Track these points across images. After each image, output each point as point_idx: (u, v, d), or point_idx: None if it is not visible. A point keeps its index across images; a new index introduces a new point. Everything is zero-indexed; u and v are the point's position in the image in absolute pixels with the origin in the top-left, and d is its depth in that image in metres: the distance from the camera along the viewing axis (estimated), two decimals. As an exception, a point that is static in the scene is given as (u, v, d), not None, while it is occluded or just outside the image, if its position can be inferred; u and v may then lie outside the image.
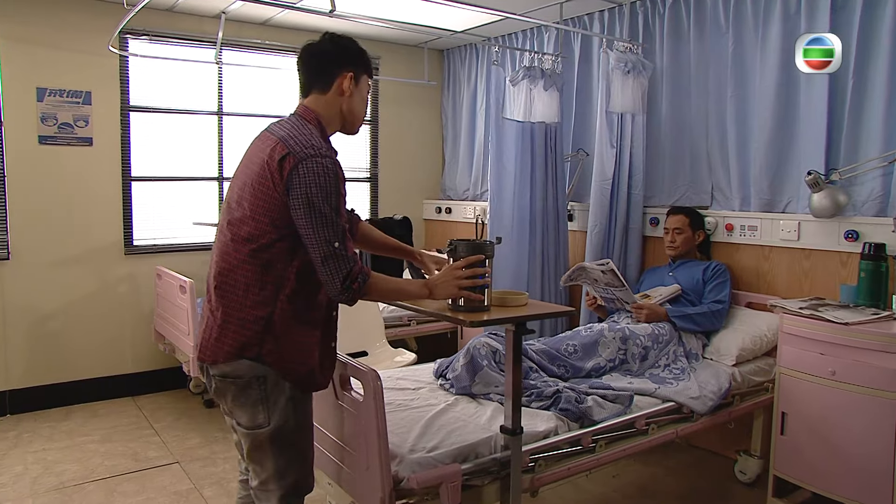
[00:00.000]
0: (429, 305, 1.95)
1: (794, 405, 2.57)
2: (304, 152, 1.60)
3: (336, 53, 1.77)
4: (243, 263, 1.64)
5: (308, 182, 1.58)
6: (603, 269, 2.90)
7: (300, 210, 1.58)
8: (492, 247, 1.90)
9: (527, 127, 3.65)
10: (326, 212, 1.58)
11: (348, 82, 1.75)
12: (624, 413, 2.31)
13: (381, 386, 1.80)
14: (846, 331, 2.38)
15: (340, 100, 1.76)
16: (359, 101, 1.79)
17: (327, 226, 1.58)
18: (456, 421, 2.16)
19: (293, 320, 1.67)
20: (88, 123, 3.85)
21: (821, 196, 2.80)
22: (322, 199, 1.58)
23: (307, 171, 1.58)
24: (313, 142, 1.64)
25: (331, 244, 1.58)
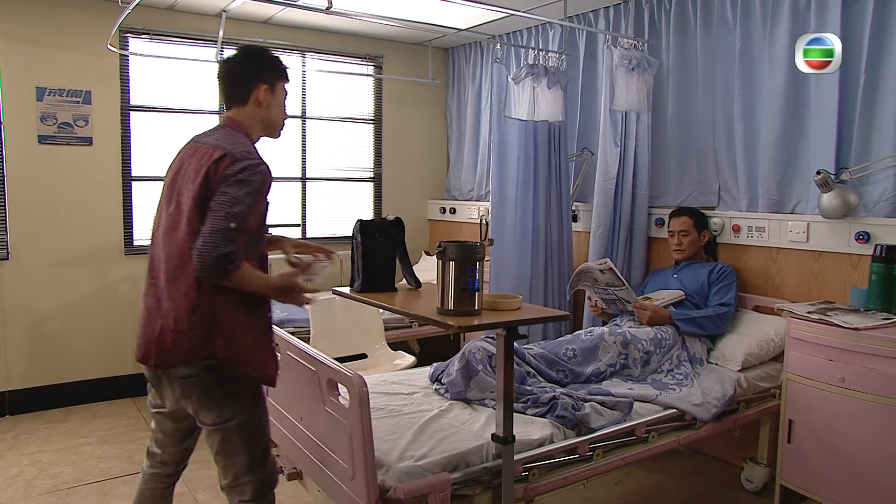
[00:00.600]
0: (417, 309, 1.90)
1: (801, 413, 2.48)
2: (241, 155, 1.72)
3: (249, 68, 1.87)
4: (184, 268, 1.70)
5: (240, 175, 1.68)
6: (601, 268, 2.83)
7: (220, 195, 1.66)
8: (483, 249, 1.84)
9: (530, 126, 3.58)
10: (239, 199, 1.66)
11: (264, 94, 1.87)
12: (623, 420, 2.24)
13: (368, 392, 1.75)
14: (856, 336, 2.29)
15: (258, 110, 1.88)
16: (277, 108, 1.92)
17: (234, 208, 1.65)
18: (448, 428, 2.10)
19: (237, 317, 1.74)
20: (88, 123, 3.83)
21: (830, 196, 2.71)
22: (244, 192, 1.67)
23: (243, 168, 1.69)
24: (248, 148, 1.77)
25: (228, 223, 1.63)
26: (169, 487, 2.03)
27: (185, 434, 1.97)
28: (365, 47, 4.78)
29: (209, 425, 1.77)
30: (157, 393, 1.88)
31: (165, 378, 1.79)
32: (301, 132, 4.61)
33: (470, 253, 1.81)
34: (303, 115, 4.61)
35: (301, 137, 4.62)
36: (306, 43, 4.52)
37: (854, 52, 2.73)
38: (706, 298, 2.97)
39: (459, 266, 1.80)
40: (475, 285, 1.82)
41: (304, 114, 4.61)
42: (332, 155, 4.76)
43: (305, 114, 4.61)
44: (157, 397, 1.90)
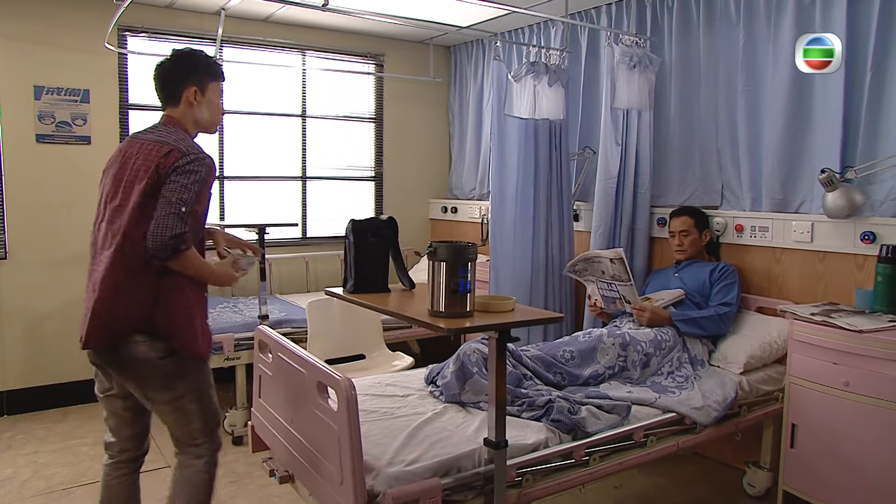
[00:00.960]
0: (408, 310, 1.86)
1: (804, 417, 2.43)
2: (187, 149, 1.87)
3: (178, 71, 2.01)
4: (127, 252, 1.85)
5: (190, 167, 1.84)
6: (612, 257, 2.76)
7: (169, 184, 1.81)
8: (475, 250, 1.80)
9: (530, 124, 3.53)
10: (187, 186, 1.82)
11: (192, 95, 2.00)
12: (621, 424, 2.19)
13: (356, 396, 1.71)
14: (860, 339, 2.24)
15: (190, 110, 2.02)
16: (209, 108, 2.05)
17: (184, 194, 1.81)
18: (441, 431, 2.06)
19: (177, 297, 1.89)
20: (87, 122, 3.81)
21: (835, 195, 2.65)
22: (191, 180, 1.83)
23: (191, 160, 1.85)
24: (191, 143, 1.93)
25: (179, 207, 1.79)
26: (134, 473, 2.15)
27: (137, 414, 2.09)
28: (366, 45, 4.74)
29: (161, 404, 1.97)
30: (104, 375, 2.03)
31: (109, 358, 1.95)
32: (301, 131, 4.58)
33: (461, 254, 1.77)
34: (303, 113, 4.58)
35: (301, 136, 4.59)
36: (306, 41, 4.49)
37: (860, 48, 2.68)
38: (707, 298, 2.91)
39: (450, 267, 1.76)
40: (466, 287, 1.78)
41: (304, 112, 4.58)
42: (333, 154, 4.73)
43: (306, 112, 4.58)
44: (105, 381, 2.04)
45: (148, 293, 1.86)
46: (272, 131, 4.50)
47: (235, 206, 4.37)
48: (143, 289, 1.86)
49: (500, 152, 3.50)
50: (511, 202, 3.55)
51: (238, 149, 4.36)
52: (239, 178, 4.38)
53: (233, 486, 2.91)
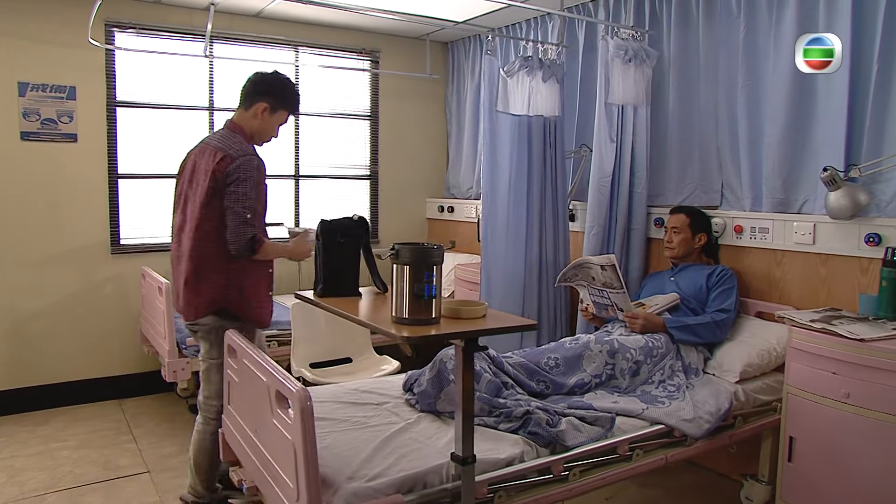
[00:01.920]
0: (371, 316, 1.76)
1: (803, 429, 2.29)
2: (237, 153, 2.25)
3: (264, 85, 2.38)
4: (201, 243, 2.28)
5: (239, 173, 2.21)
6: (603, 264, 2.64)
7: (230, 195, 2.21)
8: (440, 252, 1.69)
9: (524, 120, 3.41)
10: (245, 193, 2.21)
11: (261, 109, 2.37)
12: (604, 437, 2.07)
13: (311, 407, 1.61)
14: (862, 348, 2.10)
15: (253, 121, 2.38)
16: (268, 126, 2.42)
17: (245, 202, 2.21)
18: (412, 443, 1.96)
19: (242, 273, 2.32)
20: (73, 119, 3.75)
21: (838, 195, 2.51)
22: (245, 185, 2.21)
23: (239, 165, 2.22)
24: (243, 146, 2.29)
25: (245, 215, 2.21)
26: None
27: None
28: (361, 41, 4.65)
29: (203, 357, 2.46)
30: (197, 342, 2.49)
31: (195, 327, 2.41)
32: (294, 129, 4.50)
33: (426, 256, 1.67)
34: (296, 111, 4.48)
35: (294, 134, 4.50)
36: (300, 37, 4.40)
37: (866, 40, 2.53)
38: (704, 304, 2.78)
39: (414, 270, 1.66)
40: (431, 291, 1.67)
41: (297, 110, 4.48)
42: (327, 152, 4.64)
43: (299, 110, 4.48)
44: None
45: (221, 275, 2.29)
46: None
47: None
48: (217, 272, 2.29)
49: (491, 150, 3.38)
50: (503, 201, 3.43)
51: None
52: (230, 176, 4.30)
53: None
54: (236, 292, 2.32)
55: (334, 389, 2.45)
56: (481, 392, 2.15)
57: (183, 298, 2.37)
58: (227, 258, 2.27)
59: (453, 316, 1.74)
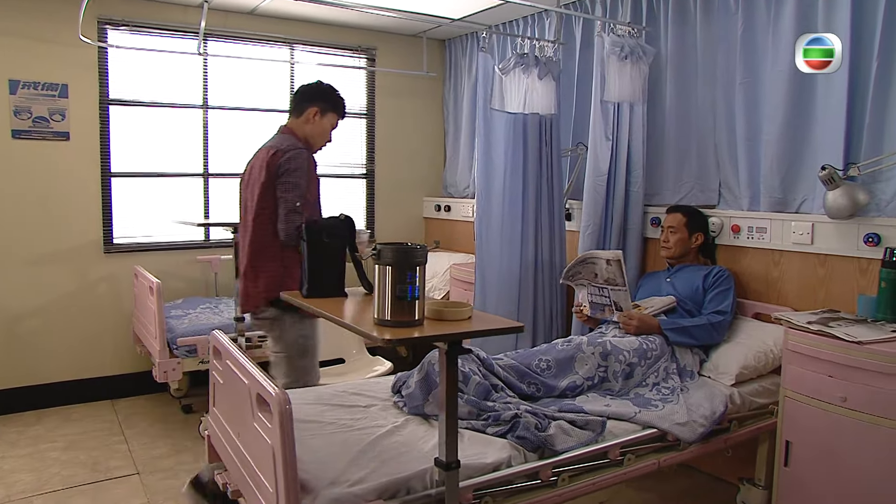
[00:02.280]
0: (354, 319, 1.72)
1: (799, 433, 2.25)
2: (287, 147, 2.40)
3: (313, 93, 2.56)
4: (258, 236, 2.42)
5: (289, 165, 2.36)
6: (609, 258, 2.60)
7: (281, 185, 2.35)
8: (423, 252, 1.65)
9: (519, 118, 3.37)
10: (296, 183, 2.35)
11: (313, 114, 2.54)
12: (595, 441, 2.02)
13: (290, 411, 1.57)
14: (859, 351, 2.05)
15: (306, 125, 2.55)
16: (320, 129, 2.57)
17: (295, 192, 2.34)
18: (398, 447, 1.91)
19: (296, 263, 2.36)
20: (65, 117, 3.72)
21: (837, 194, 2.45)
22: (296, 174, 2.35)
23: (290, 157, 2.37)
24: (294, 143, 2.45)
25: (294, 203, 2.33)
26: None
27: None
28: (357, 39, 4.61)
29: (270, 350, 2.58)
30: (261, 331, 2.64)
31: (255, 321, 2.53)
32: (289, 127, 4.46)
33: (408, 257, 1.62)
34: (291, 109, 4.45)
35: (289, 132, 4.46)
36: (295, 35, 4.36)
37: (866, 37, 2.48)
38: (700, 305, 2.73)
39: (396, 271, 1.62)
40: (414, 293, 1.63)
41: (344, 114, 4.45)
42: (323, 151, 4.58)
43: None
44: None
45: (277, 264, 2.40)
46: (259, 127, 4.37)
47: (222, 205, 4.26)
48: (272, 261, 2.40)
49: (486, 148, 3.34)
50: (498, 200, 3.39)
51: (224, 146, 4.24)
52: (224, 175, 4.27)
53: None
54: (292, 282, 2.39)
55: (323, 391, 2.41)
56: (469, 395, 2.11)
57: (242, 290, 2.51)
58: (283, 248, 2.37)
59: (437, 318, 1.69)
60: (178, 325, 3.49)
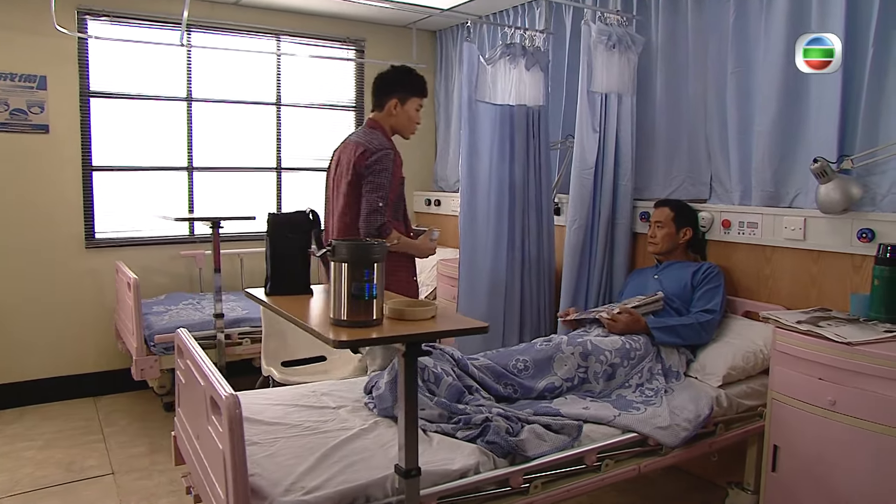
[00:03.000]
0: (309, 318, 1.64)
1: (787, 437, 2.15)
2: (376, 147, 2.39)
3: (388, 83, 2.52)
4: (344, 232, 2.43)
5: (377, 165, 2.36)
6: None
7: (367, 184, 2.36)
8: (381, 249, 1.57)
9: (505, 110, 3.27)
10: (381, 183, 2.36)
11: (394, 106, 2.51)
12: (570, 446, 1.93)
13: (240, 415, 1.49)
14: (849, 352, 1.95)
15: (390, 118, 2.53)
16: (405, 117, 2.55)
17: (379, 191, 2.35)
18: (363, 451, 1.83)
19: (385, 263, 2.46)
20: (44, 109, 3.65)
21: (829, 188, 2.35)
22: (382, 175, 2.36)
23: (377, 159, 2.37)
24: (381, 142, 2.43)
25: (377, 203, 2.34)
26: None
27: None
28: (345, 30, 4.52)
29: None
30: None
31: None
32: (276, 120, 4.38)
33: (365, 253, 1.54)
34: (278, 101, 4.37)
35: (276, 125, 4.38)
36: (281, 26, 4.27)
37: (861, 25, 2.37)
38: (689, 303, 2.64)
39: (352, 268, 1.53)
40: (372, 291, 1.55)
41: (279, 101, 4.37)
42: (311, 144, 4.52)
43: (280, 101, 4.37)
44: None
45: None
46: (245, 120, 4.30)
47: (206, 199, 4.19)
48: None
49: (470, 141, 3.24)
50: (483, 195, 3.30)
51: (208, 139, 4.17)
52: (209, 168, 4.19)
53: (170, 498, 2.73)
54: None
55: (294, 391, 2.34)
56: (440, 397, 2.03)
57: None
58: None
59: (398, 317, 1.61)
60: (158, 321, 3.42)
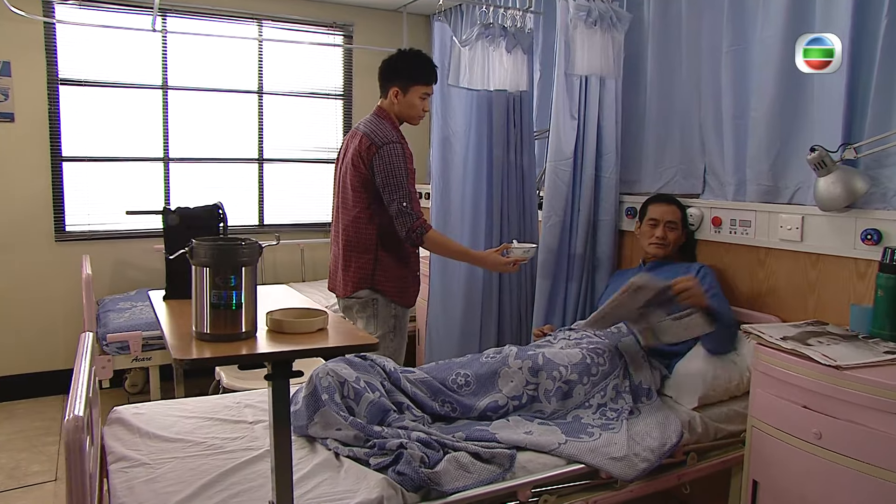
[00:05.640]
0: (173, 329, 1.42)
1: (767, 472, 1.85)
2: (381, 141, 2.27)
3: (390, 70, 2.40)
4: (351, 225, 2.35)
5: (385, 162, 2.25)
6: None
7: (381, 181, 2.26)
8: (252, 250, 1.33)
9: (482, 96, 3.01)
10: (398, 182, 2.25)
11: (395, 94, 2.38)
12: (501, 479, 1.67)
13: (80, 440, 1.28)
14: (838, 377, 1.64)
15: (393, 106, 2.40)
16: (407, 105, 2.39)
17: (397, 190, 2.25)
18: (255, 479, 1.61)
19: (390, 259, 2.34)
20: (8, 97, 3.52)
21: (829, 181, 2.03)
22: (397, 174, 2.25)
23: (384, 154, 2.25)
24: (387, 133, 2.30)
25: (401, 204, 2.25)
26: None
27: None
28: (332, 14, 4.29)
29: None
30: (347, 317, 2.44)
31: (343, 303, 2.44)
32: (258, 109, 4.19)
33: (229, 256, 1.31)
34: (259, 90, 4.17)
35: (258, 115, 4.19)
36: (263, 10, 4.07)
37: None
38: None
39: (214, 274, 1.30)
40: (239, 299, 1.31)
41: (260, 89, 4.17)
42: (295, 134, 4.32)
43: (262, 89, 4.18)
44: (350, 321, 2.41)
45: (370, 258, 2.32)
46: (224, 109, 4.12)
47: (184, 191, 4.02)
48: (366, 255, 2.32)
49: (442, 130, 3.00)
50: (458, 189, 3.04)
51: (186, 128, 4.00)
52: (187, 160, 4.03)
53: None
54: (382, 274, 2.34)
55: (216, 401, 2.13)
56: (360, 416, 1.79)
57: (332, 274, 2.47)
58: (375, 240, 2.32)
59: (277, 329, 1.38)
60: (116, 318, 3.26)
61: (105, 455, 1.77)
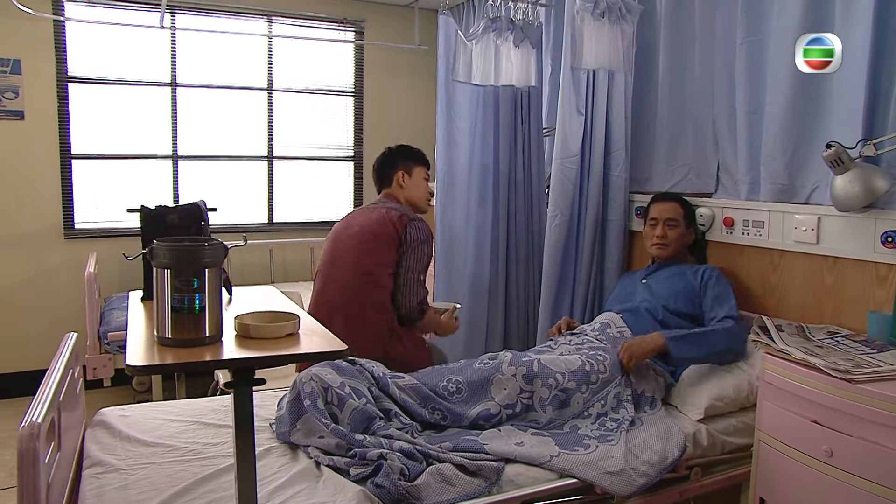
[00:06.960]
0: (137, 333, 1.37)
1: (774, 490, 1.74)
2: (412, 215, 2.31)
3: (389, 159, 2.44)
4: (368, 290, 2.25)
5: (419, 235, 2.26)
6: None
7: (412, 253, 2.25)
8: (216, 251, 1.27)
9: (489, 92, 2.93)
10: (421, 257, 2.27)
11: (401, 177, 2.40)
12: (487, 493, 1.59)
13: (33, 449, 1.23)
14: (850, 391, 1.52)
15: (401, 190, 2.41)
16: (415, 186, 2.43)
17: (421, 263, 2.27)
18: (231, 487, 1.55)
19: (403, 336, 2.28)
20: (19, 95, 3.53)
21: (846, 179, 1.90)
22: (424, 247, 2.28)
23: (418, 228, 2.27)
24: (408, 211, 2.34)
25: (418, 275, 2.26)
26: None
27: None
28: (343, 10, 4.24)
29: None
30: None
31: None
32: (267, 106, 4.15)
33: (190, 257, 1.25)
34: (269, 87, 4.14)
35: (267, 112, 4.15)
36: (273, 6, 4.03)
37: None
38: (678, 314, 2.22)
39: (176, 275, 1.24)
40: (202, 302, 1.25)
41: (270, 86, 4.14)
42: (305, 131, 4.28)
43: (272, 86, 4.14)
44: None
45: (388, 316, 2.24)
46: (234, 106, 4.09)
47: (192, 189, 4.01)
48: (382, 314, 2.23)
49: (447, 127, 2.93)
50: (463, 188, 2.97)
51: (195, 126, 3.98)
52: (196, 157, 4.01)
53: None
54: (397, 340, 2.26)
55: (202, 404, 2.09)
56: (343, 423, 1.72)
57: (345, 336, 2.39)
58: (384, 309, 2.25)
59: (244, 334, 1.32)
60: (120, 316, 3.24)
61: (83, 459, 1.73)
